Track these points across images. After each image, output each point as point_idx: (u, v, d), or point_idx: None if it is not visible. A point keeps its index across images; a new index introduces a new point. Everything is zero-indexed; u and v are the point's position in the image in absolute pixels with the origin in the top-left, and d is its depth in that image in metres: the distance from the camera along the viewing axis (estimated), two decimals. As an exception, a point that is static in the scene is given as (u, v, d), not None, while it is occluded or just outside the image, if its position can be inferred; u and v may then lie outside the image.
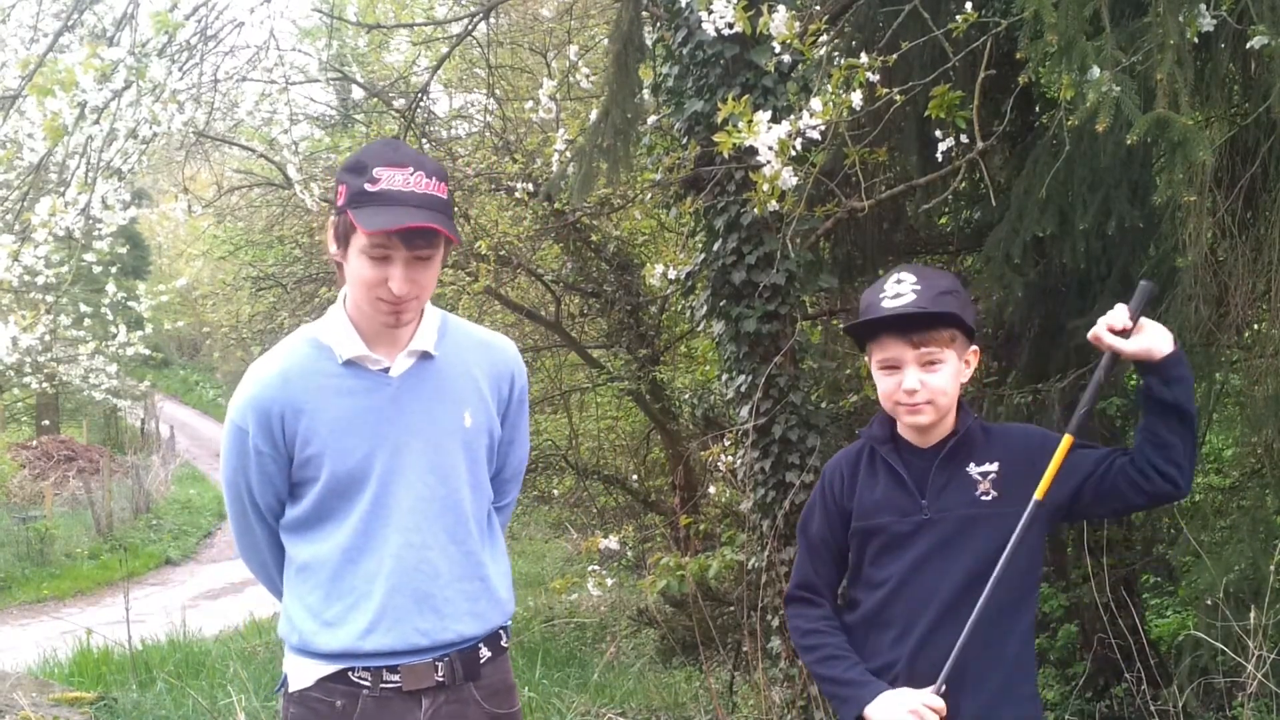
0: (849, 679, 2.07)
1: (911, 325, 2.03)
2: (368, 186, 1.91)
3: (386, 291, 1.94)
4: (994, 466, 2.08)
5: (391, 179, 1.91)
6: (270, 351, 2.10)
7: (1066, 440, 2.03)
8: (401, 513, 2.02)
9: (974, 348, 2.13)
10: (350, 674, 2.01)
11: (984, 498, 2.07)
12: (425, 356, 2.08)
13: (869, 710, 2.01)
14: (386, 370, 2.05)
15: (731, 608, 7.16)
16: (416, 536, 2.03)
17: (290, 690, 2.07)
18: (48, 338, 7.86)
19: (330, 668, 2.02)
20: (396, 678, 2.01)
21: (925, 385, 2.04)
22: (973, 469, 2.08)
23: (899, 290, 2.05)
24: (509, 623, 2.20)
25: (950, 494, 2.08)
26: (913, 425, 2.10)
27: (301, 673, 2.06)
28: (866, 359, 2.19)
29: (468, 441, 2.09)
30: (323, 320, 2.10)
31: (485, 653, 2.11)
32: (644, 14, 4.85)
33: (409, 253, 1.93)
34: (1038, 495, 2.01)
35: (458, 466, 2.08)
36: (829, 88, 3.60)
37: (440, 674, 2.04)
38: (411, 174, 1.92)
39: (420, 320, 2.10)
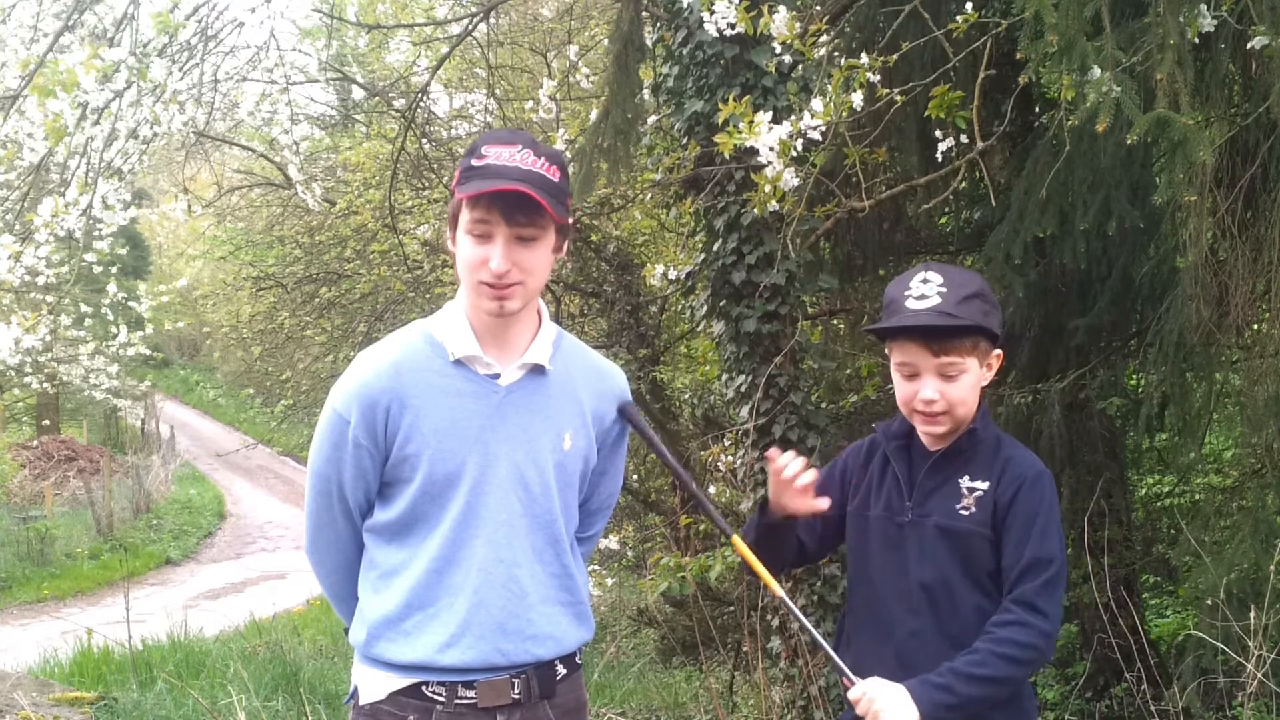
0: None
1: (933, 333, 1.99)
2: (474, 162, 1.90)
3: (487, 272, 1.89)
4: (983, 485, 2.04)
5: (498, 154, 1.89)
6: (382, 342, 2.04)
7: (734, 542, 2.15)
8: (492, 526, 1.96)
9: (997, 351, 2.07)
10: (424, 688, 1.95)
11: (962, 512, 2.03)
12: (538, 370, 2.02)
13: None
14: (496, 376, 1.99)
15: (731, 608, 7.16)
16: (507, 553, 1.98)
17: (360, 703, 2.01)
18: (48, 338, 7.86)
19: (404, 680, 1.96)
20: (472, 694, 1.95)
21: (944, 396, 2.01)
22: (964, 481, 2.05)
23: (924, 291, 2.00)
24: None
25: (934, 501, 2.06)
26: (928, 434, 2.09)
27: (373, 685, 2.00)
28: (886, 351, 2.16)
29: (562, 463, 2.03)
30: (437, 316, 2.04)
31: (561, 670, 2.05)
32: (644, 14, 4.85)
33: (510, 229, 1.88)
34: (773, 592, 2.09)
35: (549, 486, 2.02)
36: (829, 88, 3.60)
37: (517, 691, 1.98)
38: (519, 150, 1.89)
39: (538, 332, 2.04)
